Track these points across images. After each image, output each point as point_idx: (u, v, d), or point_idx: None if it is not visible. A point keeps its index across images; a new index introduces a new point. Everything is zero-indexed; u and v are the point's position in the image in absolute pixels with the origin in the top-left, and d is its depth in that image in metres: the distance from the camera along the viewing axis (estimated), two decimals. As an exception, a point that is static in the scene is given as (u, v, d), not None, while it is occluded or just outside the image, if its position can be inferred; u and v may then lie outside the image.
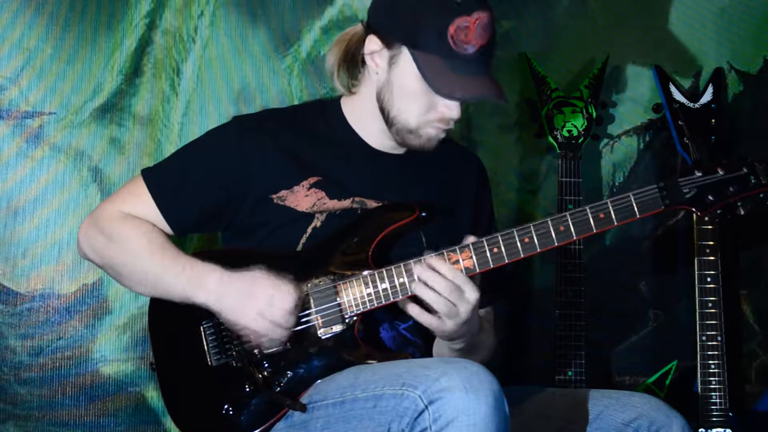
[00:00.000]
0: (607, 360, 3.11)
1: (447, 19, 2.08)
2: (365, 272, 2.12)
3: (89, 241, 2.25)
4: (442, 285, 2.03)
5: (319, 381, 2.11)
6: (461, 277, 2.05)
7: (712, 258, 2.85)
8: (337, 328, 2.12)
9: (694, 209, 2.13)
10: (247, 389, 2.12)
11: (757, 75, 3.19)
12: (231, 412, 2.12)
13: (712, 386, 2.82)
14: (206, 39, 2.78)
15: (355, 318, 2.12)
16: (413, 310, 2.07)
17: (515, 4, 3.03)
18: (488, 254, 2.08)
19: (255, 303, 2.07)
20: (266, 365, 2.12)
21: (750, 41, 3.18)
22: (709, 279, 2.85)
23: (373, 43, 2.18)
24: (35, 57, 2.65)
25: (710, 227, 2.86)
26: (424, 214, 2.17)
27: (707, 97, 3.00)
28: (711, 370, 2.83)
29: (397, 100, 2.17)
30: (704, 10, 3.14)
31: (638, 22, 3.12)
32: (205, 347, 2.15)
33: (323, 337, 2.12)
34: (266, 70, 2.83)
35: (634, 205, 2.10)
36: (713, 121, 2.95)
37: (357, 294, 2.12)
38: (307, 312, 2.12)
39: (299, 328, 2.12)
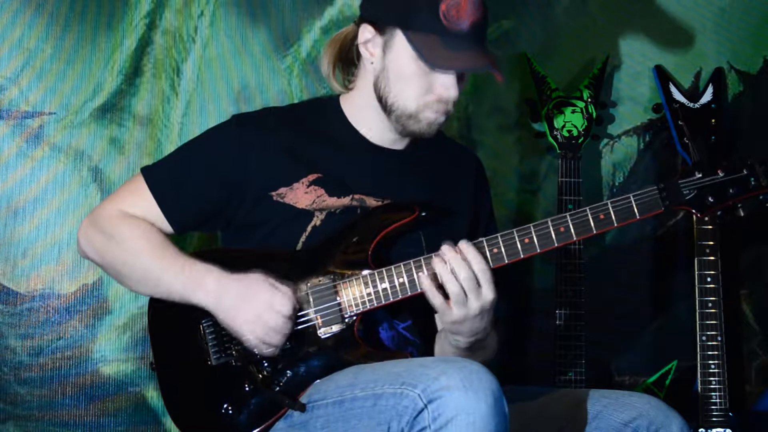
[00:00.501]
0: (607, 360, 3.11)
1: None
2: (365, 272, 2.12)
3: (89, 240, 2.25)
4: (463, 272, 2.02)
5: (318, 380, 2.11)
6: (485, 274, 2.04)
7: (712, 258, 2.85)
8: (337, 327, 2.12)
9: (693, 210, 2.13)
10: (247, 389, 2.12)
11: (757, 75, 3.19)
12: (231, 412, 2.12)
13: (712, 386, 2.82)
14: (206, 39, 2.78)
15: (354, 318, 2.12)
16: (426, 285, 2.06)
17: (515, 4, 3.03)
18: (488, 254, 2.08)
19: (253, 307, 2.07)
20: (266, 365, 2.12)
21: (750, 41, 3.18)
22: (709, 279, 2.85)
23: (366, 31, 2.19)
24: (35, 57, 2.66)
25: (710, 227, 2.86)
26: (423, 213, 2.17)
27: (707, 97, 3.00)
28: (711, 370, 2.83)
29: (394, 85, 2.17)
30: (704, 10, 3.14)
31: (638, 22, 3.12)
32: (205, 346, 2.15)
33: (323, 337, 2.12)
34: (266, 70, 2.83)
35: (634, 206, 2.10)
36: (713, 121, 2.95)
37: (357, 294, 2.12)
38: (306, 311, 2.12)
39: (299, 327, 2.12)
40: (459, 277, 2.02)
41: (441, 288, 2.05)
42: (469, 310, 2.04)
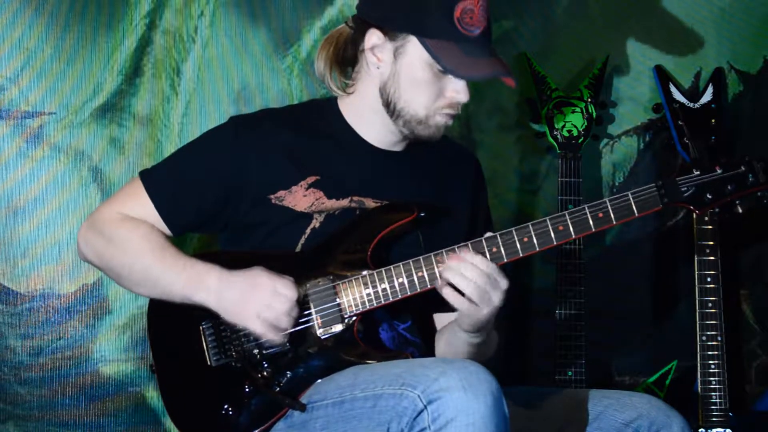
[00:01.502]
0: (607, 360, 3.11)
1: (451, 3, 2.09)
2: (364, 272, 2.12)
3: (89, 243, 2.24)
4: (477, 275, 2.04)
5: (318, 381, 2.11)
6: (494, 267, 2.06)
7: (712, 258, 2.85)
8: (337, 328, 2.12)
9: (692, 207, 2.13)
10: (247, 389, 2.12)
11: (757, 75, 3.19)
12: (231, 413, 2.12)
13: (712, 386, 2.82)
14: (206, 39, 2.78)
15: (354, 318, 2.12)
16: (455, 299, 2.06)
17: (515, 4, 3.03)
18: (487, 254, 2.08)
19: (255, 302, 2.07)
20: (266, 365, 2.12)
21: (750, 41, 3.18)
22: (709, 279, 2.85)
23: (374, 36, 2.18)
24: (35, 57, 2.66)
25: (710, 227, 2.86)
26: (422, 214, 2.17)
27: (707, 97, 3.00)
28: (711, 370, 2.83)
29: (405, 91, 2.17)
30: (704, 10, 3.15)
31: (638, 22, 3.12)
32: (205, 348, 2.15)
33: (323, 338, 2.12)
34: (266, 70, 2.83)
35: (633, 203, 2.11)
36: (713, 121, 2.95)
37: (356, 294, 2.12)
38: (306, 312, 2.12)
39: (299, 328, 2.12)
40: (478, 283, 2.04)
41: (460, 293, 2.06)
42: (495, 303, 2.06)
